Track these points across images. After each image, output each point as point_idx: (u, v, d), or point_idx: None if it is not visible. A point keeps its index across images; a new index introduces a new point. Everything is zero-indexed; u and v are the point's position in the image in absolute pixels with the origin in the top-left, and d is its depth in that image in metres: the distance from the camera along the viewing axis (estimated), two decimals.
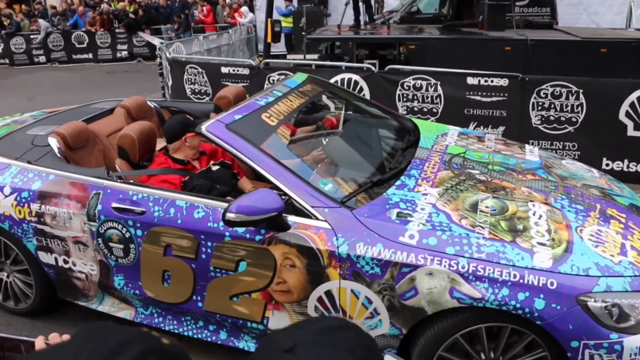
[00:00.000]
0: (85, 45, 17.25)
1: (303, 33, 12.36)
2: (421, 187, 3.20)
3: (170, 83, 9.53)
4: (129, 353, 0.72)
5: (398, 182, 3.24)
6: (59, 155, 3.82)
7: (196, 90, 9.04)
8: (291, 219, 2.92)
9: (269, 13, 11.58)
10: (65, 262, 3.61)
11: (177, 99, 8.53)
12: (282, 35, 13.83)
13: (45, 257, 3.68)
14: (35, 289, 3.87)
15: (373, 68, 7.36)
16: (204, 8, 17.00)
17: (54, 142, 3.89)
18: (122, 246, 3.31)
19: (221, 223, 2.97)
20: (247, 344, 3.24)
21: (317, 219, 2.88)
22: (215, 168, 3.75)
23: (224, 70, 8.67)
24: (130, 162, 3.76)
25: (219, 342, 3.31)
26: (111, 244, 3.35)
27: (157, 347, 0.77)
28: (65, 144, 3.91)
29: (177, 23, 16.64)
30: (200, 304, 3.22)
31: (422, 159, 3.60)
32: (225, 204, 2.93)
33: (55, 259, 3.64)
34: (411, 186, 3.20)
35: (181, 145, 3.71)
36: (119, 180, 3.43)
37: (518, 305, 2.54)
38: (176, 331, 3.39)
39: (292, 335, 0.89)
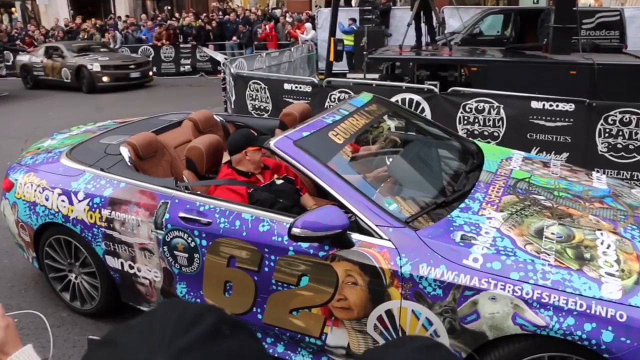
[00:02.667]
0: (150, 58, 17.81)
1: (364, 52, 12.46)
2: (485, 211, 3.17)
3: (233, 98, 9.72)
4: (205, 322, 0.79)
5: (462, 205, 3.22)
6: (129, 164, 3.96)
7: (257, 106, 9.19)
8: (355, 236, 2.93)
9: (332, 32, 11.71)
10: (131, 267, 3.73)
11: (239, 113, 8.68)
12: (344, 53, 13.94)
13: (112, 262, 3.81)
14: (101, 291, 4.01)
15: (435, 89, 7.34)
16: (267, 26, 17.33)
17: (125, 152, 4.04)
18: (186, 255, 3.40)
19: (285, 237, 3.02)
20: (304, 359, 3.26)
21: (381, 238, 2.89)
22: (279, 182, 3.81)
23: (286, 86, 8.78)
24: (197, 174, 3.86)
25: (276, 355, 3.34)
26: (176, 253, 3.44)
27: (226, 317, 0.84)
28: (135, 154, 4.05)
29: (242, 33, 17.00)
30: (259, 316, 3.27)
31: (486, 183, 3.57)
32: (290, 219, 2.98)
33: (122, 263, 3.77)
34: (475, 209, 3.18)
35: (242, 158, 3.78)
36: (186, 191, 3.53)
37: (584, 336, 2.48)
38: None
39: (392, 353, 0.93)
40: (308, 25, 16.63)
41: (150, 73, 16.71)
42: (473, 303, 2.68)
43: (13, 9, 27.30)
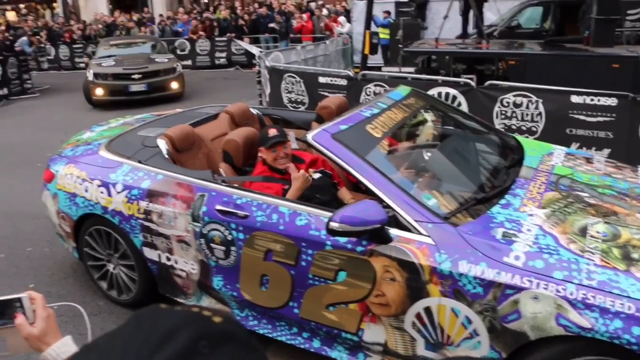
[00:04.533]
0: (186, 52, 17.99)
1: (399, 45, 12.32)
2: (527, 208, 3.09)
3: (268, 91, 9.74)
4: (178, 340, 0.69)
5: (503, 201, 3.15)
6: (166, 156, 3.98)
7: (293, 99, 9.18)
8: (393, 232, 2.89)
9: (368, 25, 11.61)
10: (168, 259, 3.76)
11: (274, 106, 8.68)
12: (379, 47, 13.82)
13: (149, 253, 3.84)
14: (139, 282, 4.05)
15: (472, 83, 7.22)
16: (304, 15, 17.30)
17: (162, 144, 4.06)
18: (223, 248, 3.40)
19: (323, 231, 2.99)
20: (340, 354, 3.23)
21: (420, 233, 2.85)
22: (316, 176, 3.78)
23: (321, 80, 8.75)
24: (233, 167, 3.86)
25: (312, 350, 3.32)
26: (213, 245, 3.45)
27: (208, 329, 0.73)
28: (172, 146, 4.07)
29: (278, 24, 17.02)
30: (296, 311, 3.25)
31: (527, 179, 3.49)
32: (328, 213, 2.95)
33: (159, 255, 3.79)
34: (516, 206, 3.11)
35: (271, 155, 3.76)
36: (223, 184, 3.53)
37: (633, 340, 2.40)
38: (270, 335, 3.44)
39: None
40: (342, 18, 16.54)
41: (175, 86, 13.03)
42: (514, 302, 2.62)
43: (55, 4, 27.82)
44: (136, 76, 12.55)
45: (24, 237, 5.71)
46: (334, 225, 2.78)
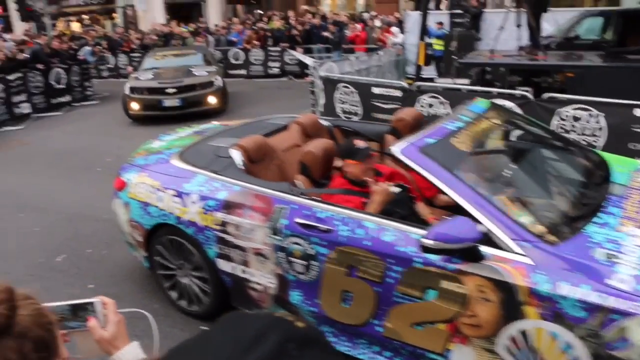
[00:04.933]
0: (240, 61, 18.10)
1: (453, 57, 12.16)
2: (625, 227, 2.94)
3: (321, 101, 9.71)
4: (267, 343, 0.72)
5: (598, 220, 3.00)
6: (241, 167, 3.94)
7: (346, 110, 9.13)
8: (486, 250, 2.78)
9: (422, 35, 11.49)
10: (244, 272, 3.70)
11: (328, 117, 8.63)
12: (432, 58, 13.69)
13: (223, 265, 3.80)
14: (211, 294, 4.01)
15: (529, 95, 7.04)
16: (357, 25, 17.25)
17: (236, 154, 4.02)
18: (304, 262, 3.33)
19: (410, 248, 2.90)
20: None
21: (516, 252, 2.72)
22: (395, 190, 3.69)
23: (375, 90, 8.69)
24: (311, 179, 3.80)
25: None
26: (293, 259, 3.38)
27: (293, 332, 0.76)
28: (246, 156, 4.03)
29: (332, 34, 17.04)
30: (379, 329, 3.15)
31: (619, 196, 3.33)
32: (416, 229, 2.86)
33: (234, 267, 3.74)
34: (614, 225, 2.96)
35: (354, 167, 3.69)
36: (302, 196, 3.47)
37: None
38: (349, 353, 3.34)
39: None
40: (395, 29, 16.44)
41: (213, 101, 12.19)
42: (621, 328, 2.47)
43: (115, 15, 28.63)
44: (170, 90, 11.93)
45: (84, 239, 5.87)
46: (428, 242, 2.68)
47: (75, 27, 26.01)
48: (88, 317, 1.41)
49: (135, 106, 12.00)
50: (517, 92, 7.48)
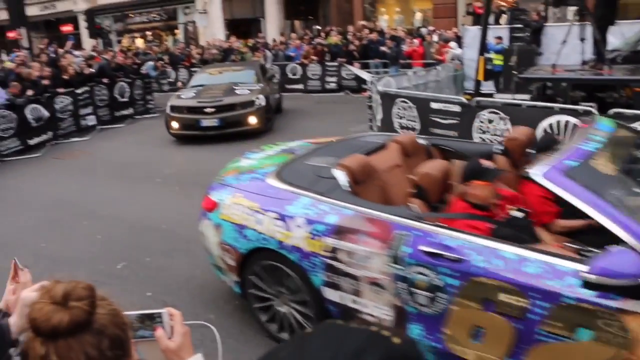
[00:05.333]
0: (298, 76, 18.13)
1: (513, 72, 11.83)
2: None
3: (379, 116, 9.60)
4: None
5: None
6: (347, 188, 3.73)
7: (404, 125, 8.99)
8: None
9: (482, 50, 11.23)
10: (354, 302, 3.46)
11: (385, 132, 8.47)
12: (491, 73, 13.37)
13: (331, 294, 3.56)
14: (314, 323, 3.78)
15: (594, 111, 6.70)
16: (415, 40, 17.06)
17: (340, 175, 3.81)
18: (429, 294, 3.08)
19: (558, 281, 2.64)
20: None
21: None
22: (519, 215, 3.43)
23: (434, 105, 8.55)
24: (427, 203, 3.55)
25: None
26: (415, 290, 3.13)
27: (391, 351, 0.76)
28: (352, 177, 3.82)
29: (389, 49, 16.88)
30: None
31: None
32: (565, 262, 2.61)
33: (343, 297, 3.51)
34: None
35: (480, 189, 3.44)
36: (423, 222, 3.23)
37: None
38: None
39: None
40: (454, 43, 16.17)
41: (253, 121, 11.53)
42: None
43: (176, 31, 29.25)
44: (209, 110, 11.43)
45: (144, 247, 5.96)
46: (590, 277, 2.42)
47: (139, 43, 26.65)
48: (155, 327, 1.44)
49: (175, 125, 11.70)
50: (580, 107, 7.20)
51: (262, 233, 3.79)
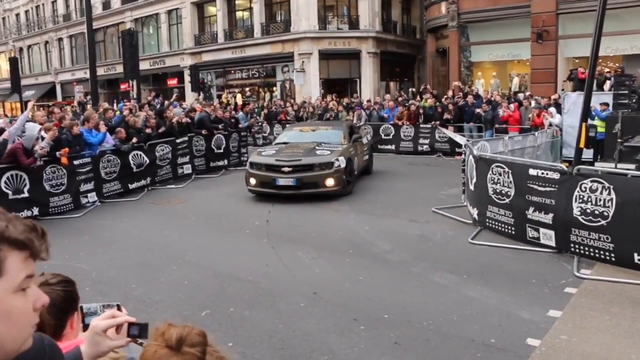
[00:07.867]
0: (390, 137, 18.25)
1: (618, 140, 11.39)
2: None
3: (474, 180, 9.45)
4: None
5: None
6: None
7: (498, 190, 8.77)
8: None
9: (586, 116, 10.93)
10: None
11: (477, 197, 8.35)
12: (592, 140, 12.97)
13: None
14: None
15: None
16: (511, 105, 16.88)
17: None
18: None
19: None
20: None
21: None
22: None
23: (531, 172, 8.25)
24: None
25: None
26: None
27: None
28: None
29: (484, 112, 16.75)
30: None
31: None
32: None
33: None
34: None
35: None
36: None
37: None
38: None
39: None
40: (553, 109, 15.79)
41: (330, 183, 11.13)
42: None
43: (274, 88, 30.69)
44: (286, 169, 11.15)
45: (228, 297, 5.94)
46: None
47: (238, 98, 27.99)
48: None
49: (252, 181, 11.51)
50: None
51: None
